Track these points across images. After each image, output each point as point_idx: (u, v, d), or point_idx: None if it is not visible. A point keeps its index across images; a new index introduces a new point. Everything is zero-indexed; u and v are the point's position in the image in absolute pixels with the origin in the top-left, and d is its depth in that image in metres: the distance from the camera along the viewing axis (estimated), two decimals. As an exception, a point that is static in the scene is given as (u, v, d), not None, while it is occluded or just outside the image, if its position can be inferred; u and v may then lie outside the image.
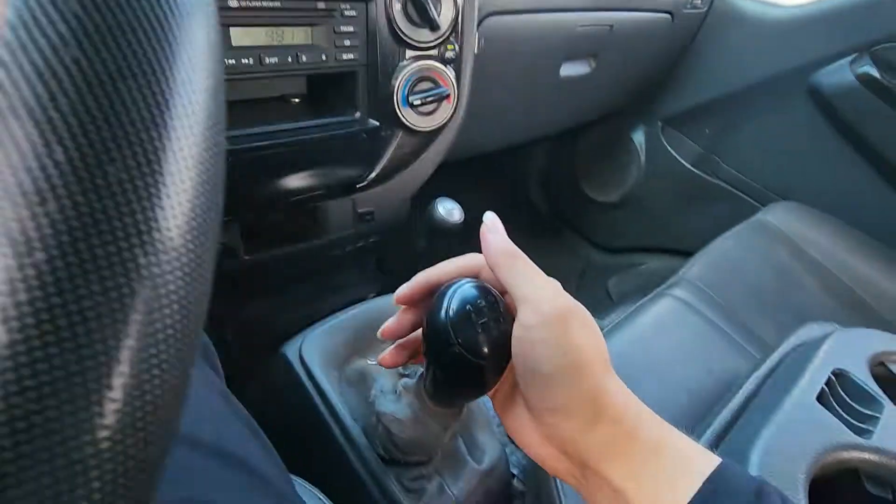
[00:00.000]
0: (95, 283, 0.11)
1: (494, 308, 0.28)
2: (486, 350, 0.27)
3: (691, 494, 0.23)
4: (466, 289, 0.28)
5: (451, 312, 0.27)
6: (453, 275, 0.30)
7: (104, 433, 0.11)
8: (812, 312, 0.75)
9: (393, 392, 0.45)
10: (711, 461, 0.25)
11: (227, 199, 0.16)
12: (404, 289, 0.31)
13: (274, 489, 0.30)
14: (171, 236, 0.12)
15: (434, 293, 0.29)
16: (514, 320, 0.26)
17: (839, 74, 0.93)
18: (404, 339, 0.33)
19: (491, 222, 0.29)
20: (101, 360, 0.11)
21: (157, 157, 0.12)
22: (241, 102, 0.57)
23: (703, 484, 0.24)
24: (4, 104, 0.10)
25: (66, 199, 0.11)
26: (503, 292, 0.29)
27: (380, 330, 0.33)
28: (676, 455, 0.25)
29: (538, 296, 0.26)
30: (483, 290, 0.28)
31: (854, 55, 0.91)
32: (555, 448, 0.26)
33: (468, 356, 0.27)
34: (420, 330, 0.32)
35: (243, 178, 0.55)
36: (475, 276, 0.30)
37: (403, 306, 0.32)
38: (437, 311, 0.28)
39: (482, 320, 0.27)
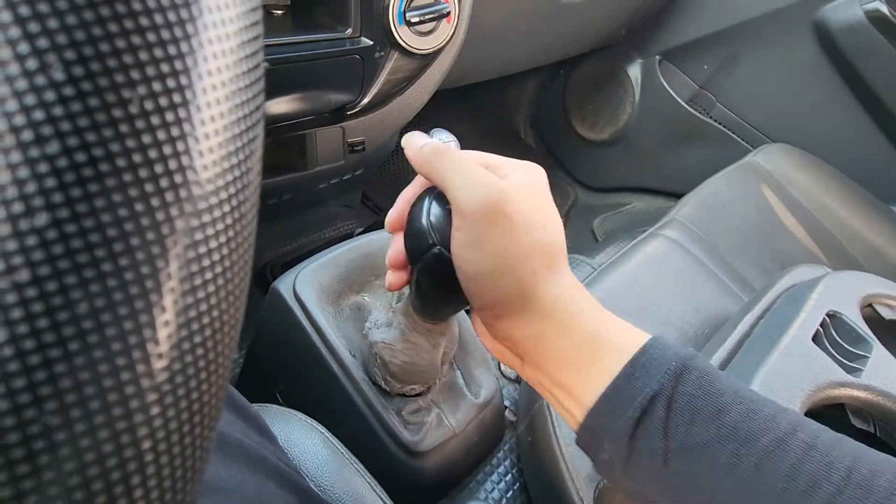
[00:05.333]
0: (115, 255, 0.09)
1: None
2: None
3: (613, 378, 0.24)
4: (438, 193, 0.28)
5: (426, 215, 0.27)
6: (427, 185, 0.30)
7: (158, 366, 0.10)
8: (793, 255, 0.77)
9: (387, 324, 0.44)
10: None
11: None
12: (391, 214, 0.31)
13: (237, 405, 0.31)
14: (207, 177, 0.10)
15: None
16: None
17: (847, 10, 0.90)
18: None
19: (406, 136, 0.29)
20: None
21: (185, 77, 0.10)
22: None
23: (623, 367, 0.24)
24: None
25: (72, 139, 0.09)
26: None
27: (386, 260, 0.32)
28: (611, 344, 0.25)
29: (462, 196, 0.25)
30: None
31: (866, -11, 0.87)
32: (498, 341, 0.27)
33: (446, 253, 0.27)
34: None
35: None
36: None
37: (396, 232, 0.31)
38: (413, 218, 0.28)
39: None
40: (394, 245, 0.31)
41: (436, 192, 0.28)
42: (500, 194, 0.25)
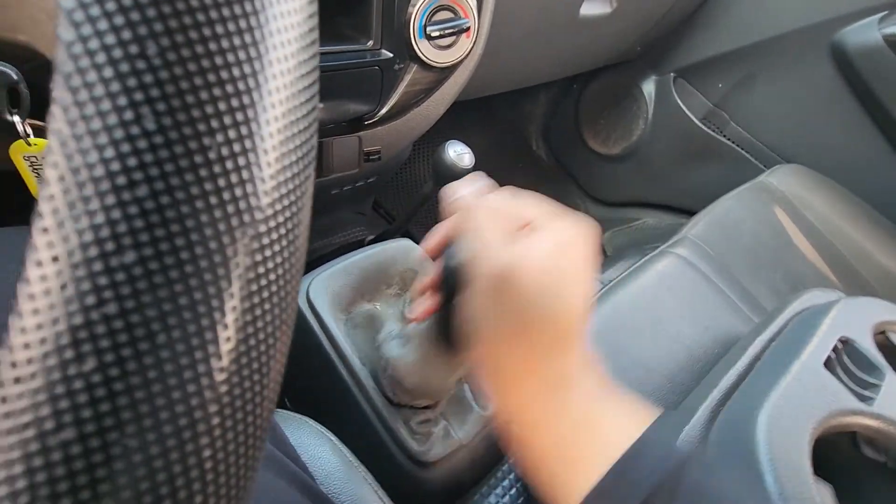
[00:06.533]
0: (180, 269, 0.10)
1: None
2: None
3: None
4: None
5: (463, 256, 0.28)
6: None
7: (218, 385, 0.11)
8: (805, 277, 0.77)
9: (399, 337, 0.44)
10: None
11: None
12: (430, 243, 0.32)
13: None
14: (268, 202, 0.11)
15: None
16: None
17: (866, 33, 0.90)
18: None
19: (447, 186, 0.31)
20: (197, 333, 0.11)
21: (255, 125, 0.10)
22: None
23: (599, 481, 0.23)
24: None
25: (158, 182, 0.10)
26: None
27: (417, 284, 0.33)
28: (602, 437, 0.24)
29: (476, 262, 0.26)
30: None
31: (885, 12, 0.87)
32: (498, 403, 0.27)
33: None
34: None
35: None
36: None
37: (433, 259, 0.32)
38: (450, 255, 0.29)
39: None
40: (430, 272, 0.32)
41: None
42: (510, 266, 0.24)
